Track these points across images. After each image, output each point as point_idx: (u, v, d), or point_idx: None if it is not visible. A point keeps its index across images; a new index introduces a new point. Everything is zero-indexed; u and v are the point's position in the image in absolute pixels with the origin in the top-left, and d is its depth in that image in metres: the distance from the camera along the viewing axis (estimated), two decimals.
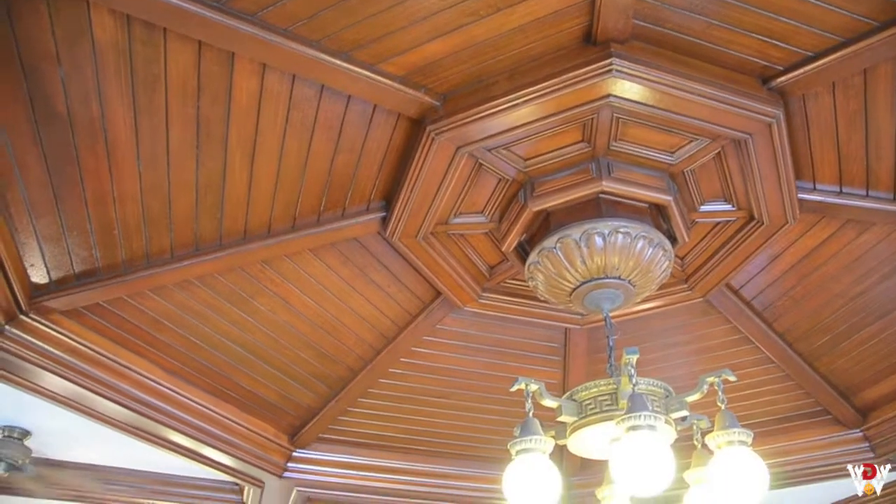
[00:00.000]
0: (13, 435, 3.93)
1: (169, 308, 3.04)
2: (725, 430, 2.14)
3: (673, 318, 3.32)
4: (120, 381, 3.21)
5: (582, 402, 2.19)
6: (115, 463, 4.48)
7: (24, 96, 2.11)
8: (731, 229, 2.81)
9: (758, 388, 3.75)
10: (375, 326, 3.32)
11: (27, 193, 2.42)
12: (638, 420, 1.90)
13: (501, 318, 3.28)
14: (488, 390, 3.70)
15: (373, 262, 2.96)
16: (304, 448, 4.04)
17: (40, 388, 3.15)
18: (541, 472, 2.01)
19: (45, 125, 2.19)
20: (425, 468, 4.23)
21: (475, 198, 2.58)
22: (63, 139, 2.26)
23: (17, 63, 2.02)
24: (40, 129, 2.20)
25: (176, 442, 3.63)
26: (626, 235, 2.39)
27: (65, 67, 2.06)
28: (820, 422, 4.00)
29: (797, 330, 3.41)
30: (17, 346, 2.89)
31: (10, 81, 2.06)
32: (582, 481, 4.00)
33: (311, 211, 2.66)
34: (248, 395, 3.62)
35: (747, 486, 2.07)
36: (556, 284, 2.51)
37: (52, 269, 2.77)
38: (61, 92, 2.12)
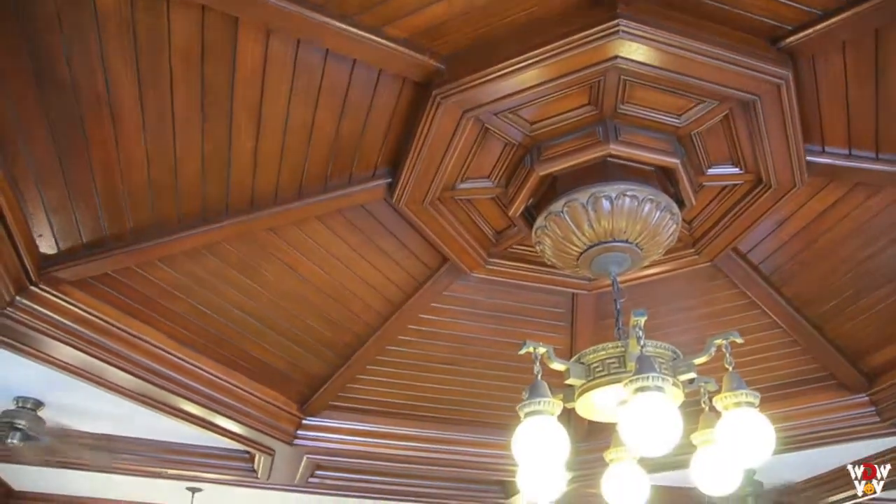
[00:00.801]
0: (27, 405, 3.99)
1: (178, 277, 3.06)
2: (733, 392, 2.14)
3: (680, 283, 3.31)
4: (130, 350, 3.24)
5: (590, 364, 2.20)
6: (127, 433, 4.55)
7: (27, 64, 2.10)
8: (739, 193, 2.79)
9: (764, 353, 3.76)
10: (383, 293, 3.33)
11: (34, 164, 2.42)
12: (646, 381, 1.91)
13: (509, 284, 3.28)
14: (496, 356, 3.71)
15: (379, 228, 2.96)
16: (314, 416, 4.08)
17: (52, 359, 3.18)
18: (550, 434, 2.03)
19: (49, 94, 2.19)
20: (434, 434, 4.27)
21: (481, 163, 2.57)
22: (68, 108, 2.25)
23: (17, 29, 2.00)
24: (45, 98, 2.20)
25: (187, 411, 3.67)
26: (633, 199, 2.38)
27: (66, 33, 2.04)
28: (826, 386, 4.01)
29: (804, 294, 3.41)
30: (28, 317, 2.91)
31: (12, 49, 2.05)
32: (589, 447, 4.04)
33: (317, 178, 2.65)
34: (257, 363, 3.65)
35: (754, 446, 2.09)
36: (564, 248, 2.50)
37: (61, 239, 2.78)
38: (63, 59, 2.11)
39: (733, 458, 2.16)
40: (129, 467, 4.81)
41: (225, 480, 5.04)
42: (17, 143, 2.32)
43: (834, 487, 5.46)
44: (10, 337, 3.01)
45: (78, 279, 2.96)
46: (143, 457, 4.66)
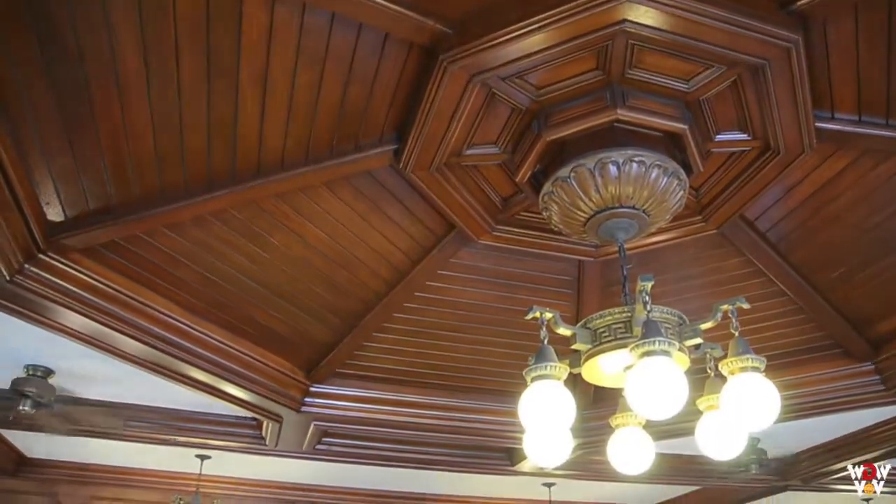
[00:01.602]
0: (37, 373, 4.03)
1: (185, 245, 3.07)
2: (738, 357, 2.15)
3: (687, 250, 3.31)
4: (138, 317, 3.27)
5: (596, 329, 2.21)
6: (137, 400, 4.60)
7: (31, 31, 2.08)
8: (747, 160, 2.77)
9: (770, 321, 3.76)
10: (390, 261, 3.34)
11: (40, 131, 2.41)
12: (652, 346, 1.92)
13: (515, 252, 3.28)
14: (502, 324, 3.73)
15: (386, 195, 2.95)
16: (321, 383, 4.12)
17: (61, 326, 3.21)
18: (556, 398, 2.05)
19: (54, 61, 2.17)
20: (440, 402, 4.31)
21: (488, 128, 2.55)
22: (73, 75, 2.24)
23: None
24: (49, 65, 2.19)
25: (195, 378, 3.71)
26: (640, 164, 2.37)
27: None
28: (831, 355, 4.03)
29: (811, 262, 3.40)
30: (37, 285, 2.92)
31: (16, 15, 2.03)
32: (595, 414, 4.08)
33: (323, 144, 2.64)
34: (264, 330, 3.67)
35: (759, 411, 2.10)
36: (571, 215, 2.50)
37: (68, 207, 2.78)
38: (68, 26, 2.09)
39: (738, 422, 2.17)
40: (138, 434, 4.87)
41: (233, 447, 5.10)
42: (22, 111, 2.32)
43: (837, 456, 5.50)
44: (20, 304, 3.03)
45: (86, 247, 2.97)
46: (153, 424, 4.72)
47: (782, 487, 6.38)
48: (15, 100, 2.27)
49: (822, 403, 4.25)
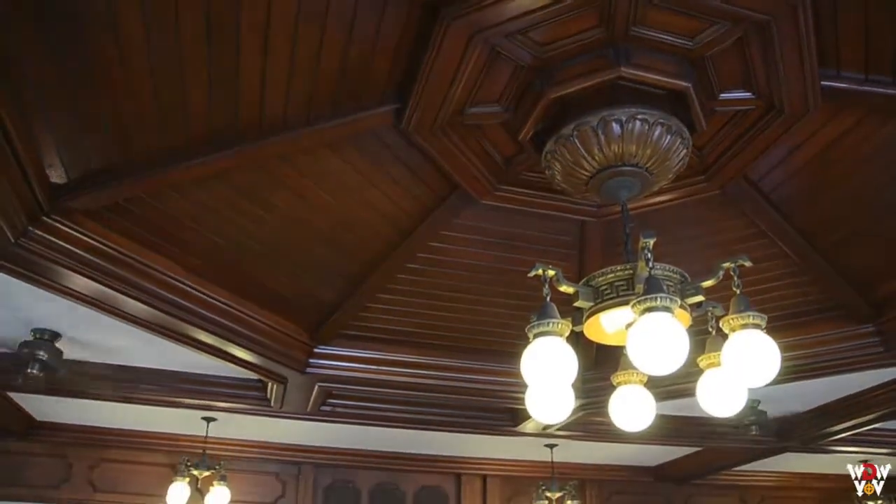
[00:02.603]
0: (44, 337, 4.07)
1: (189, 207, 3.07)
2: (739, 314, 2.17)
3: (689, 211, 3.30)
4: (144, 280, 3.28)
5: (598, 287, 2.22)
6: (144, 363, 4.64)
7: None
8: (751, 118, 2.75)
9: (772, 282, 3.77)
10: (393, 221, 3.34)
11: (40, 93, 2.40)
12: (653, 302, 1.93)
13: (518, 212, 3.28)
14: (505, 284, 3.74)
15: (389, 155, 2.94)
16: (325, 344, 4.15)
17: (67, 289, 3.23)
18: (558, 354, 2.07)
19: (52, 19, 2.16)
20: (444, 362, 4.35)
21: (491, 87, 2.53)
22: (71, 33, 2.22)
23: None
24: (47, 23, 2.17)
25: (200, 340, 3.74)
26: (643, 122, 2.36)
27: None
28: (832, 317, 4.04)
29: (814, 223, 3.39)
30: (42, 247, 2.93)
31: None
32: (597, 375, 4.11)
33: (325, 103, 2.62)
34: (269, 292, 3.70)
35: (760, 367, 2.12)
36: (573, 173, 2.50)
37: (71, 169, 2.79)
38: None
39: (738, 378, 2.19)
40: (145, 397, 4.93)
41: (239, 409, 5.17)
42: (22, 73, 2.30)
43: (837, 417, 5.55)
44: (25, 267, 3.04)
45: (90, 209, 2.98)
46: (159, 386, 4.78)
47: (781, 449, 6.45)
48: (14, 62, 2.25)
49: (823, 365, 4.27)
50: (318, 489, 7.03)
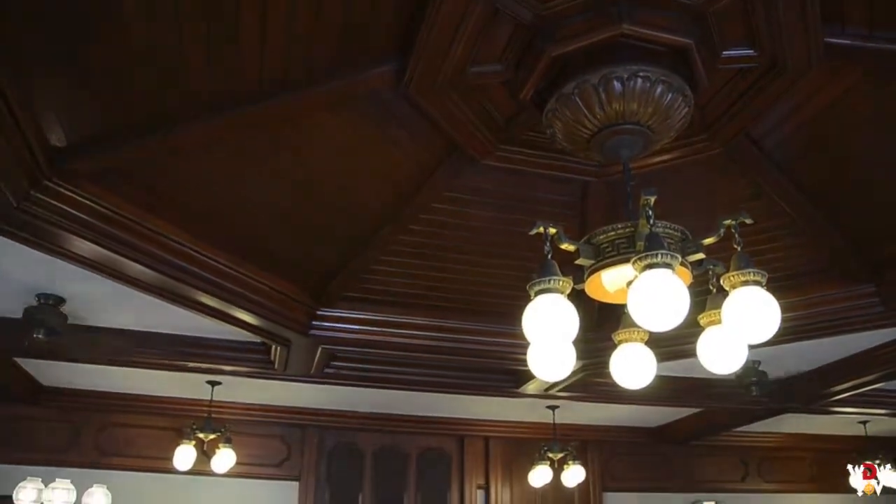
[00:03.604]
0: (49, 302, 4.09)
1: (189, 169, 3.07)
2: (740, 271, 2.17)
3: (691, 171, 3.28)
4: (147, 244, 3.29)
5: (599, 245, 2.22)
6: (148, 327, 4.68)
7: None
8: (753, 76, 2.73)
9: (773, 242, 3.77)
10: (394, 182, 3.33)
11: (38, 55, 2.38)
12: (654, 258, 1.94)
13: (519, 172, 3.26)
14: (507, 245, 3.74)
15: (389, 116, 2.92)
16: (328, 306, 4.18)
17: (70, 253, 3.24)
18: (560, 311, 2.08)
19: None
20: (446, 324, 4.37)
21: (491, 45, 2.51)
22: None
23: None
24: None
25: (204, 303, 3.76)
26: (645, 80, 2.34)
27: None
28: (833, 277, 4.05)
29: (816, 183, 3.38)
30: (44, 211, 2.93)
31: None
32: (597, 336, 4.13)
33: (325, 64, 2.59)
34: (271, 255, 3.71)
35: (760, 323, 2.13)
36: (575, 132, 2.48)
37: (70, 132, 2.78)
38: None
39: (739, 335, 2.20)
40: (150, 361, 4.97)
41: (242, 372, 5.21)
42: (19, 36, 2.28)
43: (837, 378, 5.60)
44: (28, 232, 3.05)
45: (91, 173, 2.97)
46: (164, 351, 4.82)
47: (782, 410, 6.52)
48: (10, 25, 2.23)
49: (823, 325, 4.29)
50: (323, 451, 7.13)
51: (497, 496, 7.45)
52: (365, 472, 7.23)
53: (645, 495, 7.71)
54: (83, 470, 5.96)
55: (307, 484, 6.95)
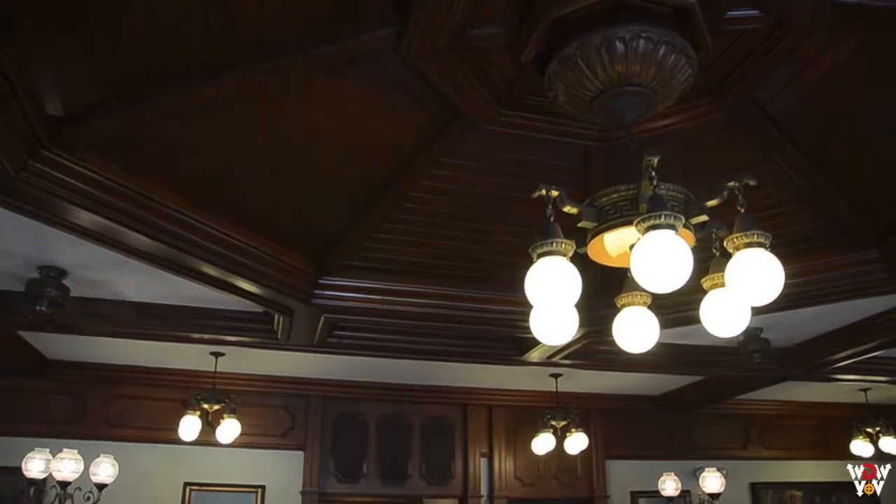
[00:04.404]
0: (51, 274, 4.10)
1: (189, 136, 3.05)
2: (744, 232, 2.16)
3: (694, 135, 3.25)
4: (148, 213, 3.28)
5: (602, 207, 2.21)
6: (150, 299, 4.68)
7: None
8: (758, 37, 2.69)
9: (776, 208, 3.74)
10: (395, 149, 3.30)
11: (33, 23, 2.35)
12: (657, 219, 1.93)
13: (521, 137, 3.23)
14: (509, 212, 3.72)
15: (389, 81, 2.88)
16: (331, 275, 4.17)
17: (70, 224, 3.23)
18: (562, 274, 2.07)
19: None
20: (449, 292, 4.37)
21: (492, 7, 2.46)
22: None
23: None
24: None
25: (206, 273, 3.76)
26: (647, 41, 2.30)
27: None
28: (837, 243, 4.03)
29: (820, 147, 3.34)
30: (43, 181, 2.92)
31: None
32: (600, 303, 4.11)
33: (324, 26, 2.55)
34: (272, 223, 3.70)
35: (763, 285, 2.12)
36: (577, 94, 2.45)
37: (69, 100, 2.76)
38: None
39: (742, 297, 2.19)
40: (154, 332, 4.99)
41: (246, 343, 5.23)
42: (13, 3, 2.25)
43: (838, 346, 5.61)
44: (28, 202, 3.05)
45: (89, 141, 2.95)
46: (167, 322, 4.83)
47: (783, 377, 6.54)
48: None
49: (826, 291, 4.29)
50: (327, 421, 7.18)
51: (500, 464, 7.52)
52: (369, 441, 7.29)
53: (647, 462, 7.77)
54: (90, 441, 6.01)
55: (312, 453, 7.02)
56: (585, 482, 7.73)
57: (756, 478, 8.31)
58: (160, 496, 6.55)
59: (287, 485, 6.87)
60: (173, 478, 6.65)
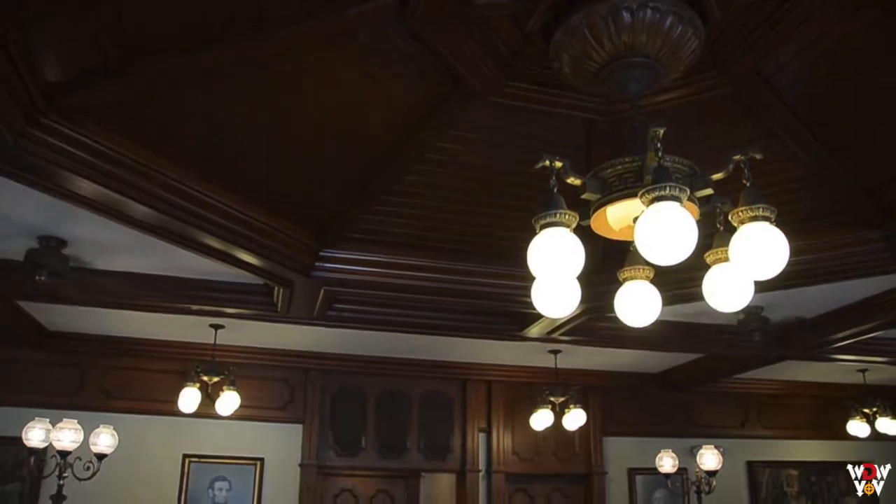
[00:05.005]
0: (50, 244, 4.08)
1: (189, 105, 3.01)
2: (749, 206, 2.14)
3: (700, 110, 3.21)
4: (148, 183, 3.26)
5: (606, 179, 2.19)
6: (150, 270, 4.67)
7: None
8: (766, 9, 2.65)
9: (781, 185, 3.71)
10: (398, 120, 3.26)
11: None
12: (662, 191, 1.91)
13: (525, 110, 3.19)
14: (512, 185, 3.69)
15: (391, 50, 2.82)
16: (331, 248, 4.15)
17: (70, 192, 3.21)
18: (565, 245, 2.05)
19: None
20: (449, 265, 4.35)
21: None
22: None
23: None
24: None
25: (207, 244, 3.74)
26: (654, 10, 2.26)
27: None
28: (841, 222, 4.01)
29: (827, 123, 3.31)
30: (41, 149, 2.90)
31: None
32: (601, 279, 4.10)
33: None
34: (273, 195, 3.67)
35: (768, 259, 2.10)
36: (582, 65, 2.42)
37: (67, 66, 2.73)
38: None
39: (747, 271, 2.18)
40: (153, 304, 4.99)
41: (245, 315, 5.23)
42: None
43: (838, 326, 5.61)
44: (27, 171, 3.02)
45: (88, 108, 2.92)
46: (167, 293, 4.82)
47: (782, 356, 6.55)
48: None
49: (829, 270, 4.28)
50: (326, 395, 7.21)
51: (499, 439, 7.56)
52: (368, 415, 7.32)
53: (644, 440, 7.81)
54: (89, 413, 6.02)
55: (311, 426, 7.05)
56: (583, 458, 7.78)
57: (753, 456, 8.36)
58: (159, 468, 6.59)
59: (286, 457, 6.91)
60: (172, 450, 6.68)
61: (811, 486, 8.55)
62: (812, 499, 8.51)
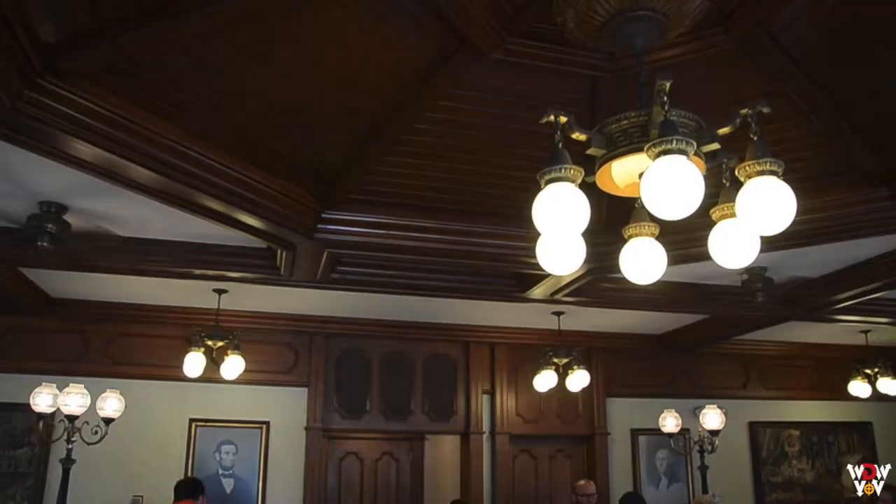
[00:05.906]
0: (51, 210, 4.07)
1: (188, 64, 2.97)
2: (756, 160, 2.12)
3: (705, 67, 3.16)
4: (148, 145, 3.23)
5: (611, 134, 2.16)
6: (153, 235, 4.66)
7: None
8: None
9: (787, 143, 3.66)
10: (398, 78, 3.21)
11: None
12: (669, 144, 1.88)
13: (528, 67, 3.12)
14: (515, 145, 3.65)
15: (395, 7, 2.76)
16: (334, 209, 4.13)
17: (69, 156, 3.18)
18: (571, 200, 2.03)
19: None
20: (452, 226, 4.33)
21: None
22: None
23: None
24: None
25: (208, 206, 3.72)
26: None
27: None
28: (848, 180, 3.98)
29: (835, 81, 3.26)
30: (40, 111, 2.86)
31: None
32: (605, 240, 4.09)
33: None
34: (275, 156, 3.64)
35: (775, 213, 2.09)
36: (587, 19, 2.38)
37: (63, 26, 2.67)
38: None
39: (753, 226, 2.16)
40: (156, 269, 4.98)
41: (249, 278, 5.23)
42: None
43: (843, 285, 5.60)
44: (25, 134, 2.99)
45: (87, 70, 2.88)
46: (170, 258, 4.81)
47: (786, 317, 6.56)
48: None
49: (836, 228, 4.25)
50: (330, 358, 7.24)
51: (502, 401, 7.61)
52: (372, 377, 7.36)
53: (647, 401, 7.85)
54: (95, 379, 6.04)
55: (316, 390, 7.10)
56: (586, 419, 7.84)
57: (755, 417, 8.42)
58: (166, 432, 6.65)
59: (291, 421, 6.97)
60: (179, 414, 6.74)
61: (812, 445, 8.63)
62: (813, 458, 8.60)
